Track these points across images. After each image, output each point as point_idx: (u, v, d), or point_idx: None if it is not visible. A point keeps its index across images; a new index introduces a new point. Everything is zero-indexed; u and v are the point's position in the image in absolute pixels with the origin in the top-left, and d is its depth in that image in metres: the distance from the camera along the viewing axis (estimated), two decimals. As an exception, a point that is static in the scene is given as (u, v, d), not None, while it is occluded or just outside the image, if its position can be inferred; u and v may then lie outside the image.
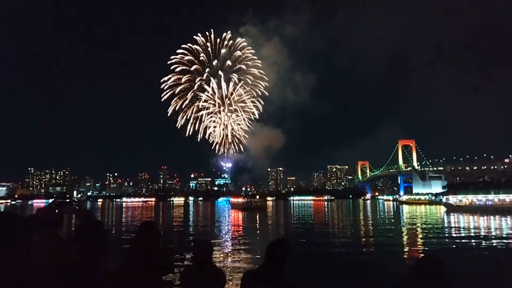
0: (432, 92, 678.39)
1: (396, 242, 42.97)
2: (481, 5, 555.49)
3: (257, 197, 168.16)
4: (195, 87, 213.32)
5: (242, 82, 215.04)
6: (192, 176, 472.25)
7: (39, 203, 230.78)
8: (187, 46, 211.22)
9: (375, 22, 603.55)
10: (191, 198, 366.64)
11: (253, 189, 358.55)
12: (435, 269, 4.24)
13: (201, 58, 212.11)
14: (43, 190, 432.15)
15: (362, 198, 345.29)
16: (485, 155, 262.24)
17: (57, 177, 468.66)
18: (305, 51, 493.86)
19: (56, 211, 5.27)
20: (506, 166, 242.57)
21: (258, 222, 79.32)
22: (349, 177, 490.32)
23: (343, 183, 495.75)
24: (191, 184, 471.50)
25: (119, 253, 5.63)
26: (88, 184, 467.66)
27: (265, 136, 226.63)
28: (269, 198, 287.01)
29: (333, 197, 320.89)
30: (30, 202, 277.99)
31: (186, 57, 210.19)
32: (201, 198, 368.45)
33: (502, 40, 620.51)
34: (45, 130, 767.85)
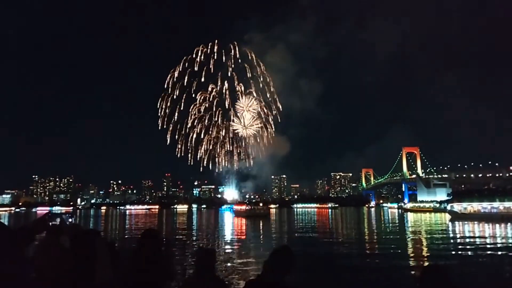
0: (437, 100, 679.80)
1: (402, 251, 42.65)
2: (487, 12, 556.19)
3: (261, 204, 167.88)
4: (196, 106, 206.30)
5: (250, 97, 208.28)
6: (195, 183, 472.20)
7: (43, 210, 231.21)
8: (190, 58, 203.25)
9: (381, 29, 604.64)
10: (194, 206, 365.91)
11: (257, 196, 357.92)
12: (440, 278, 4.18)
13: (204, 71, 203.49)
14: (47, 198, 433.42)
15: (367, 205, 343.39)
16: (490, 162, 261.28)
17: (61, 184, 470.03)
18: (310, 58, 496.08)
19: (50, 223, 5.18)
20: (511, 174, 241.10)
21: (261, 229, 79.13)
22: (353, 184, 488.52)
23: (347, 191, 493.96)
24: (194, 192, 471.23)
25: (121, 261, 5.59)
26: (92, 191, 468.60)
27: (270, 143, 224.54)
28: (272, 206, 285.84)
29: (337, 205, 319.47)
30: (34, 210, 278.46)
31: (188, 70, 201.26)
32: (204, 206, 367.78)
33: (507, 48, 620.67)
34: (49, 137, 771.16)
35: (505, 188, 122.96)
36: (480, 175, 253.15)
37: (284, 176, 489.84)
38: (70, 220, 5.72)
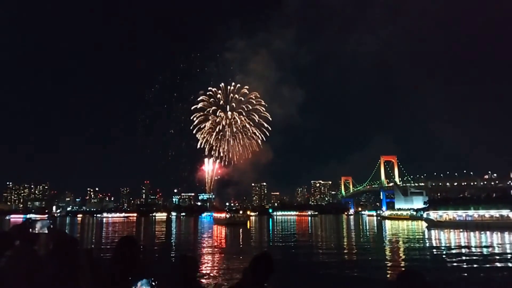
0: (416, 109, 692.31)
1: (379, 258, 43.15)
2: (467, 25, 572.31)
3: (241, 212, 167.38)
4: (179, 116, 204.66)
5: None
6: (175, 191, 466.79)
7: (16, 218, 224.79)
8: (172, 68, 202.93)
9: (364, 38, 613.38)
10: (173, 214, 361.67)
11: (237, 204, 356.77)
12: (416, 283, 4.18)
13: (185, 82, 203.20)
14: (21, 205, 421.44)
15: (346, 213, 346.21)
16: (465, 171, 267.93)
17: (36, 191, 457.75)
18: (293, 66, 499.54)
19: (30, 229, 5.07)
20: (485, 182, 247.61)
21: (241, 237, 78.89)
22: (333, 192, 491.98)
23: (326, 199, 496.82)
24: (174, 199, 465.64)
25: (98, 270, 5.52)
26: (68, 199, 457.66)
27: (251, 151, 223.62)
28: (252, 213, 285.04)
29: (316, 213, 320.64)
30: (7, 217, 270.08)
31: (169, 81, 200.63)
32: (183, 214, 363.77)
33: (487, 60, 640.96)
34: (24, 143, 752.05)
35: (479, 197, 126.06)
36: (455, 184, 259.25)
37: (264, 183, 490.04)
38: (51, 226, 5.61)
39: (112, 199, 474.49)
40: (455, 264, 37.63)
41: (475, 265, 36.49)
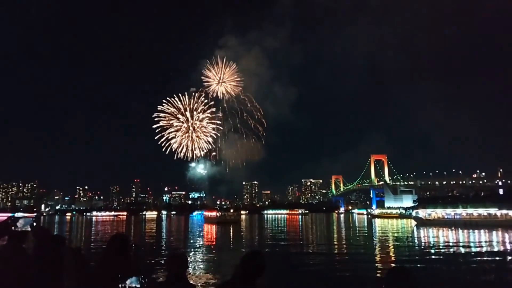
0: (406, 108, 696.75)
1: (369, 255, 43.46)
2: (462, 23, 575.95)
3: (231, 210, 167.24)
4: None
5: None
6: (165, 189, 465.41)
7: (4, 217, 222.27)
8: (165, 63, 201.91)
9: (358, 38, 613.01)
10: (164, 212, 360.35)
11: (228, 202, 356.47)
12: (404, 280, 4.20)
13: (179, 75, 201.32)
14: (9, 204, 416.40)
15: (336, 212, 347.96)
16: (454, 170, 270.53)
17: (25, 190, 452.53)
18: (286, 64, 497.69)
19: (12, 227, 5.00)
20: (474, 181, 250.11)
21: (232, 235, 78.96)
22: (323, 191, 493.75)
23: (317, 197, 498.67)
24: (164, 198, 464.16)
25: (87, 268, 5.48)
26: (57, 197, 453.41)
27: (243, 149, 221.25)
28: (242, 212, 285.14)
29: (307, 211, 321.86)
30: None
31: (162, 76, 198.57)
32: (174, 212, 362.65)
33: (480, 60, 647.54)
34: (12, 141, 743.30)
35: (468, 195, 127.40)
36: (444, 183, 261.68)
37: (255, 182, 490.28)
38: (34, 224, 5.53)
39: (101, 197, 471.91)
40: (443, 260, 38.03)
41: (463, 263, 36.93)
